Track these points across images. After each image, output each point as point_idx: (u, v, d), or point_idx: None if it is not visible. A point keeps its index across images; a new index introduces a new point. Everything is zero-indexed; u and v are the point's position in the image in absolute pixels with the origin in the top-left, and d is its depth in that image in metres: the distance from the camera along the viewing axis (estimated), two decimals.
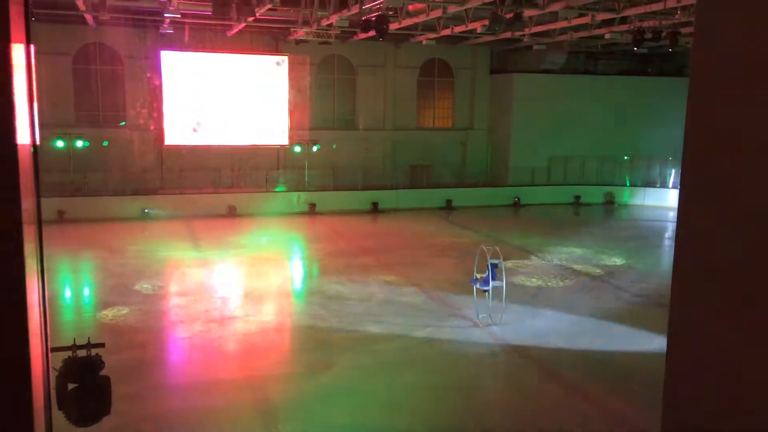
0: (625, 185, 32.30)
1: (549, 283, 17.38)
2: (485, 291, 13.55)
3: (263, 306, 15.52)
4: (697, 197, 3.06)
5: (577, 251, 21.25)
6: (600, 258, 20.41)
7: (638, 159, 31.83)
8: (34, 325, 1.88)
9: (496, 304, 13.81)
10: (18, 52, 1.79)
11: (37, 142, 2.03)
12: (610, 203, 31.63)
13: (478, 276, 13.59)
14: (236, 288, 17.52)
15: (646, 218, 28.78)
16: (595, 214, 29.98)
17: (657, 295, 16.13)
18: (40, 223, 1.98)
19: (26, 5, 1.92)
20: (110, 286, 16.59)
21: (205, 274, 18.22)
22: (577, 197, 31.62)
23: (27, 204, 1.80)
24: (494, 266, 13.24)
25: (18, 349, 1.78)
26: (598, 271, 18.84)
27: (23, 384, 1.80)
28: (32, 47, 1.99)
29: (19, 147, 1.74)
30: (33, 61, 1.97)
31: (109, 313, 14.37)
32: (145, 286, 16.63)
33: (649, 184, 31.68)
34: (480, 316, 13.84)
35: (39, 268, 1.98)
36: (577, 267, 19.16)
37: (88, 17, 23.06)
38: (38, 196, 1.98)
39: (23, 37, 1.89)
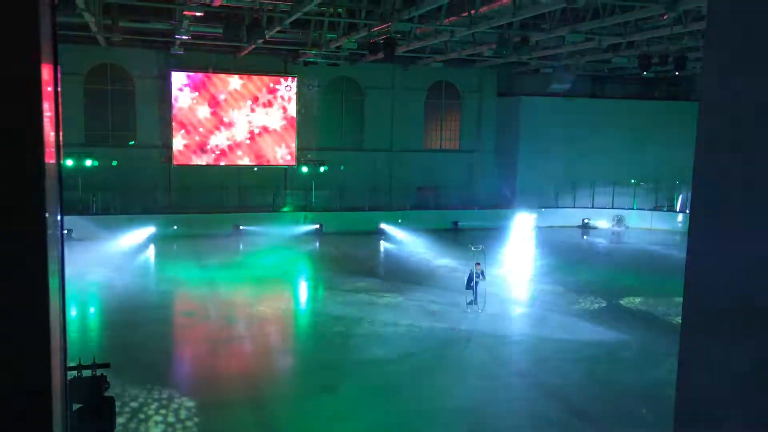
0: (633, 209, 32.24)
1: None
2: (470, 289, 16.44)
3: (268, 326, 15.47)
4: (707, 226, 3.03)
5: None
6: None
7: (646, 183, 31.79)
8: (55, 344, 1.88)
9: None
10: (47, 73, 1.82)
11: (62, 162, 2.05)
12: (618, 226, 31.54)
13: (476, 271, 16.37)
14: (241, 308, 17.47)
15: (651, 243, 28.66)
16: (603, 237, 29.89)
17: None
18: (62, 242, 1.98)
19: (54, 25, 1.95)
20: (119, 306, 16.57)
21: (210, 294, 18.19)
22: (586, 220, 31.56)
23: (51, 223, 1.82)
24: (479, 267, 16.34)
25: (39, 367, 1.78)
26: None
27: (44, 404, 1.80)
28: (59, 68, 2.02)
29: (47, 166, 1.76)
30: (59, 81, 1.99)
31: (118, 333, 14.35)
32: (153, 305, 16.61)
33: (657, 207, 31.60)
34: (468, 308, 16.30)
35: (60, 287, 1.98)
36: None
37: (100, 38, 23.34)
38: (62, 216, 1.99)
39: (52, 57, 1.91)
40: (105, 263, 20.84)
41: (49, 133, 1.79)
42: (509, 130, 33.26)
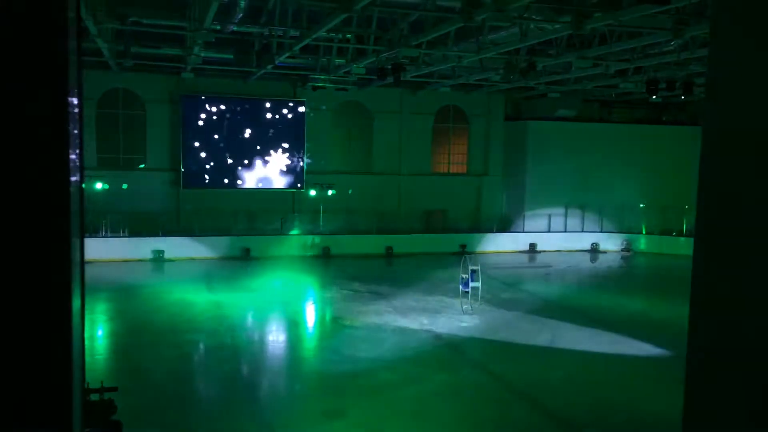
0: (642, 233, 32.12)
1: None
2: (466, 291, 18.13)
3: (275, 350, 15.41)
4: (713, 251, 3.03)
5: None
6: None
7: (654, 207, 31.71)
8: (77, 364, 1.90)
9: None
10: (73, 99, 1.87)
11: (83, 185, 2.09)
12: (626, 251, 31.41)
13: (464, 276, 17.94)
14: (248, 331, 17.44)
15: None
16: (612, 262, 29.77)
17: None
18: (83, 263, 2.02)
19: (79, 52, 2.00)
20: (127, 329, 16.58)
21: (217, 316, 18.18)
22: (594, 245, 31.47)
23: (75, 245, 1.86)
24: (473, 271, 17.75)
25: (60, 387, 1.81)
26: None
27: (65, 425, 1.82)
28: (82, 94, 2.07)
29: (71, 191, 1.81)
30: (83, 105, 2.04)
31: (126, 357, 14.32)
32: (156, 325, 16.60)
33: (666, 232, 31.45)
34: (463, 307, 18.22)
35: (81, 309, 2.01)
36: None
37: (112, 64, 23.68)
38: (83, 238, 2.03)
39: (76, 82, 1.97)
40: (112, 286, 20.89)
41: (74, 159, 1.85)
42: (517, 154, 33.34)
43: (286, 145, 29.68)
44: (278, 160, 29.61)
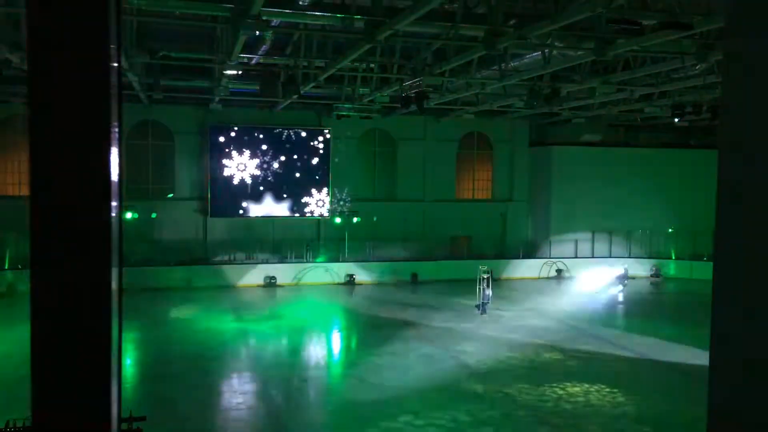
0: (671, 258, 31.60)
1: None
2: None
3: (300, 378, 15.39)
4: (732, 272, 3.01)
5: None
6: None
7: (684, 232, 31.23)
8: (114, 393, 1.95)
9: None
10: (114, 132, 1.95)
11: (122, 215, 2.16)
12: (656, 276, 30.90)
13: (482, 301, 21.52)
14: (274, 359, 17.44)
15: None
16: (641, 287, 29.30)
17: None
18: (121, 293, 2.08)
19: (119, 86, 2.08)
20: (154, 358, 16.70)
21: (244, 344, 18.25)
22: (623, 270, 30.99)
23: (114, 275, 1.92)
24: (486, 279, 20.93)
25: (100, 417, 1.85)
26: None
27: None
28: (122, 124, 2.16)
29: (112, 222, 1.88)
30: (122, 138, 2.13)
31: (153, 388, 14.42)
32: (187, 356, 16.70)
33: (696, 257, 30.91)
34: (480, 312, 21.08)
35: (119, 338, 2.07)
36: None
37: (142, 96, 24.26)
38: (121, 267, 2.09)
39: (117, 115, 2.06)
40: (141, 314, 21.13)
41: (114, 191, 1.92)
42: (542, 180, 33.20)
43: (311, 173, 29.96)
44: (304, 188, 29.88)
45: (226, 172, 28.89)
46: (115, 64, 1.96)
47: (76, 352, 1.82)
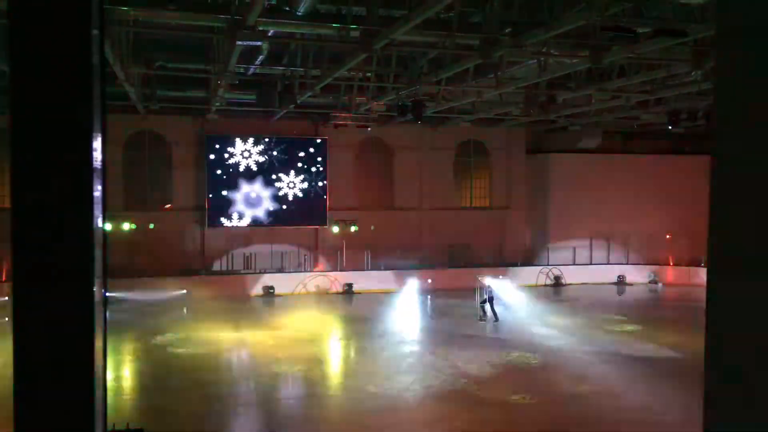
0: (669, 264, 31.61)
1: None
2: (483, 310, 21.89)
3: (301, 388, 15.33)
4: (726, 278, 2.99)
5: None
6: None
7: (682, 238, 31.22)
8: (98, 406, 1.93)
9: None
10: (97, 143, 1.95)
11: (107, 226, 2.15)
12: (654, 283, 30.89)
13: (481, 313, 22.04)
14: (275, 369, 17.36)
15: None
16: (639, 293, 29.29)
17: None
18: (105, 304, 2.07)
19: (103, 96, 2.08)
20: (157, 365, 16.64)
21: (243, 354, 18.18)
22: (621, 277, 31.03)
23: (98, 287, 1.90)
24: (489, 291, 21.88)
25: (84, 427, 1.83)
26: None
27: None
28: (107, 138, 2.15)
29: (95, 233, 1.87)
30: (106, 148, 2.12)
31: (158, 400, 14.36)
32: (185, 368, 16.63)
33: (693, 263, 30.90)
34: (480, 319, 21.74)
35: (104, 349, 2.05)
36: None
37: (139, 107, 24.28)
38: (106, 278, 2.08)
39: (101, 127, 2.06)
40: (137, 325, 21.04)
41: (97, 202, 1.92)
42: (540, 187, 33.25)
43: (308, 183, 29.97)
44: (301, 198, 29.88)
45: (223, 182, 28.89)
46: (100, 73, 1.96)
47: (61, 364, 1.80)
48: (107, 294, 2.01)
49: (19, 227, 1.79)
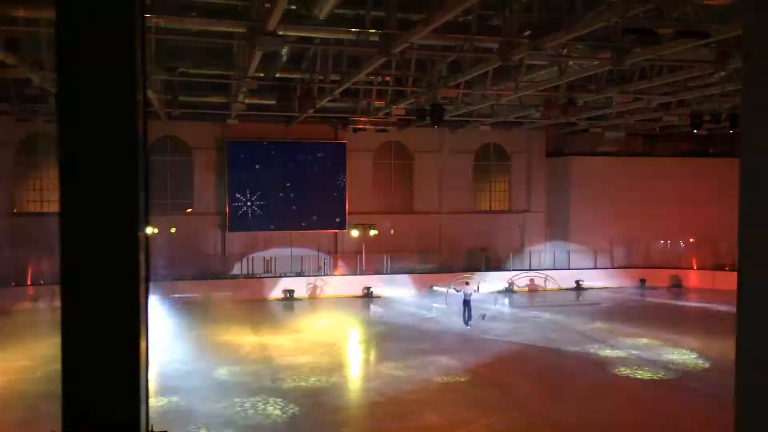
0: (692, 268, 31.23)
1: None
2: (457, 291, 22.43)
3: (320, 393, 15.38)
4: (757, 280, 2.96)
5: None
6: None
7: (705, 241, 30.83)
8: (144, 408, 1.98)
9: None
10: (141, 150, 2.00)
11: (149, 231, 2.20)
12: (676, 287, 30.53)
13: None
14: (294, 373, 17.43)
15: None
16: (661, 297, 28.96)
17: None
18: (146, 307, 2.11)
19: (144, 103, 2.12)
20: (166, 368, 16.80)
21: (264, 357, 18.27)
22: (643, 280, 30.71)
23: (142, 290, 1.95)
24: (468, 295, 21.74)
25: (130, 430, 1.88)
26: None
27: None
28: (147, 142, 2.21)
29: (139, 238, 1.91)
30: (148, 154, 2.17)
31: (162, 401, 14.50)
32: (203, 373, 16.77)
33: (717, 267, 30.49)
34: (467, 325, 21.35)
35: (147, 351, 2.10)
36: None
37: (161, 113, 24.57)
38: (147, 282, 2.13)
39: (143, 135, 2.11)
40: (157, 328, 21.24)
41: (142, 208, 1.97)
42: (560, 190, 33.05)
43: (328, 187, 30.09)
44: (321, 202, 30.01)
45: (244, 187, 29.11)
46: (142, 82, 2.01)
47: (106, 366, 1.85)
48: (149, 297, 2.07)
49: (67, 232, 1.85)
